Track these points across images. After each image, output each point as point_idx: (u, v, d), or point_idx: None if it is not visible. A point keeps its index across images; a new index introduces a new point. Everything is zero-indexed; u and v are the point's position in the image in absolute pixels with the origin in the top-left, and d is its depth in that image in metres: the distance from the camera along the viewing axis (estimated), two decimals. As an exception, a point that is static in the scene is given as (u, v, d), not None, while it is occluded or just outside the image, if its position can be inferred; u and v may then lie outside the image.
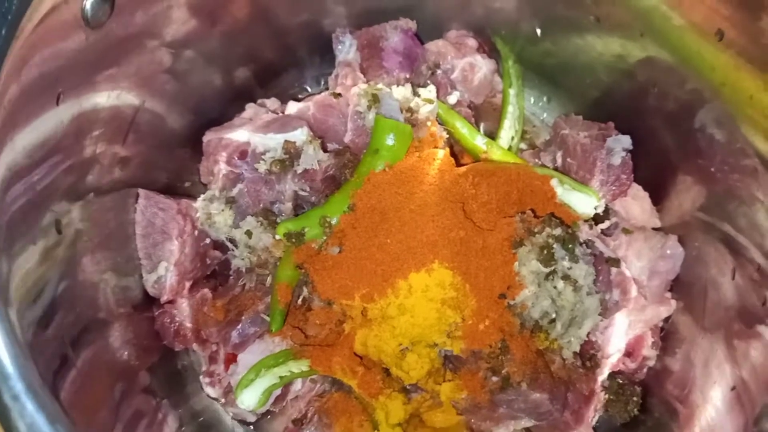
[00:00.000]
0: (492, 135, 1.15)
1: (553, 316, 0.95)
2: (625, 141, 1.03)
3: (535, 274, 0.92)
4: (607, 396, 1.01)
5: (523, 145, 1.20)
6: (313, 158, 0.99)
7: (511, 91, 1.16)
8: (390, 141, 0.96)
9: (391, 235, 0.92)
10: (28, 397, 0.57)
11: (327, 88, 1.20)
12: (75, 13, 0.75)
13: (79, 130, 0.85)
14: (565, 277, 0.93)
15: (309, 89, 1.25)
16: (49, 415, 0.58)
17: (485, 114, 1.20)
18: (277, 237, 0.98)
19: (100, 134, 0.90)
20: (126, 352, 0.98)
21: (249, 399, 0.93)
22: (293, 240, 0.95)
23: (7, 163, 0.69)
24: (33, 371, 0.60)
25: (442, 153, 0.98)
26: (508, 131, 1.14)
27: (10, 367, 0.58)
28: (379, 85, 1.04)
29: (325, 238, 0.96)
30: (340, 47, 1.14)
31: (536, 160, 1.12)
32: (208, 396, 1.07)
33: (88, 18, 0.76)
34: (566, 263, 0.93)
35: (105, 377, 0.92)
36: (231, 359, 1.04)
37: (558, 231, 0.93)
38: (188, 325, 1.04)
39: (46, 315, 0.78)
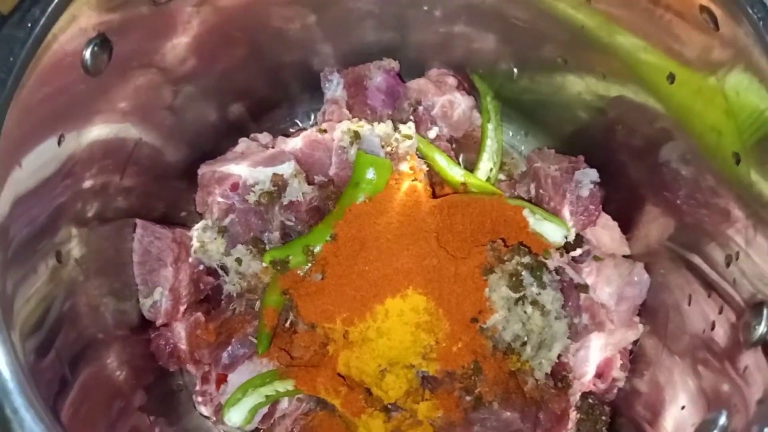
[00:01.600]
0: (472, 167, 1.22)
1: (525, 338, 1.00)
2: (593, 174, 1.10)
3: (505, 299, 0.98)
4: (578, 415, 1.06)
5: (501, 176, 1.26)
6: (298, 191, 1.06)
7: (490, 126, 1.22)
8: (370, 175, 1.03)
9: (369, 263, 0.99)
10: (28, 411, 0.64)
11: (316, 123, 1.27)
12: (75, 62, 0.82)
13: (79, 164, 0.91)
14: (534, 303, 0.99)
15: (299, 123, 1.32)
16: (47, 428, 0.64)
17: (466, 147, 1.26)
18: (264, 264, 1.04)
19: (99, 167, 0.97)
20: (123, 373, 1.04)
21: (236, 417, 0.99)
22: (279, 267, 1.02)
23: (11, 194, 0.75)
24: (33, 388, 0.66)
25: (419, 186, 1.04)
26: (486, 163, 1.21)
27: (11, 383, 0.64)
28: (362, 123, 1.11)
29: (308, 265, 1.03)
30: (328, 85, 1.21)
31: (512, 191, 1.18)
32: (201, 414, 1.13)
33: (87, 67, 0.83)
34: (535, 289, 0.99)
35: (102, 396, 0.97)
36: (222, 379, 1.10)
37: (527, 259, 0.99)
38: (182, 347, 1.10)
39: (47, 338, 0.83)
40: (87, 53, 0.82)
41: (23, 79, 0.73)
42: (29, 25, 0.73)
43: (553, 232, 1.05)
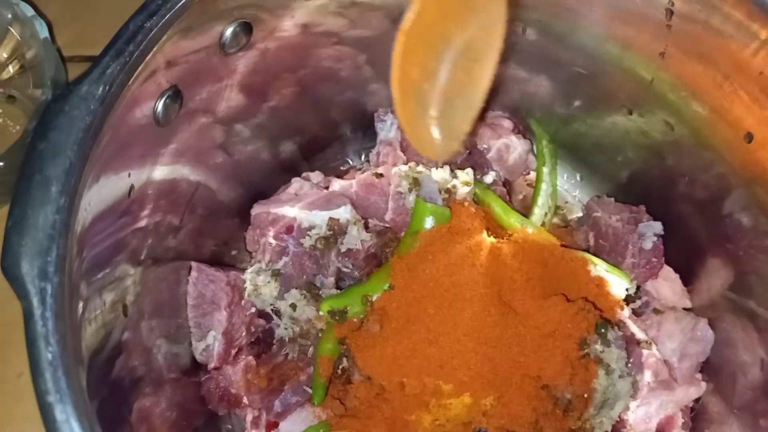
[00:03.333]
0: (526, 211, 1.20)
1: (586, 396, 0.98)
2: (657, 227, 1.07)
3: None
4: (637, 475, 1.04)
5: (556, 220, 1.24)
6: (357, 238, 1.05)
7: (545, 170, 1.21)
8: (429, 224, 1.01)
9: (429, 316, 0.97)
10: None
11: (368, 161, 1.26)
12: (147, 115, 0.81)
13: (141, 204, 0.91)
14: (598, 361, 0.96)
15: (351, 162, 1.31)
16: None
17: (519, 189, 1.25)
18: (321, 312, 1.03)
19: (162, 212, 0.97)
20: (174, 413, 1.03)
21: (291, 470, 0.98)
22: (336, 317, 1.01)
23: (83, 258, 0.75)
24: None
25: (483, 236, 1.03)
26: (541, 208, 1.19)
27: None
28: (420, 168, 1.10)
29: (365, 314, 1.01)
30: (381, 125, 1.20)
31: (569, 239, 1.16)
32: (250, 461, 1.11)
33: (159, 119, 0.83)
34: (599, 347, 0.97)
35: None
36: (272, 426, 1.08)
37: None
38: (233, 390, 1.09)
39: (106, 370, 0.83)
40: (159, 105, 0.82)
41: (100, 136, 0.73)
42: (107, 81, 0.73)
43: (615, 285, 1.03)
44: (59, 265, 0.66)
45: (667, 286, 1.10)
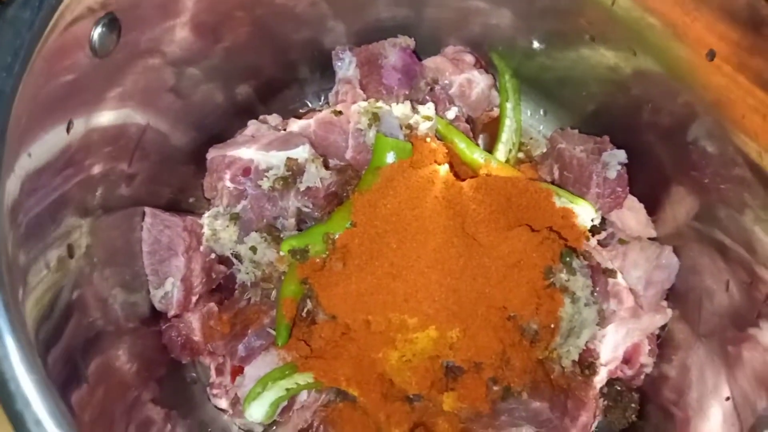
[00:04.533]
0: (490, 148, 1.18)
1: (552, 326, 0.97)
2: (621, 155, 1.06)
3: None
4: (605, 402, 1.04)
5: (521, 155, 1.22)
6: (316, 176, 1.02)
7: (508, 105, 1.18)
8: (390, 159, 0.99)
9: (392, 251, 0.95)
10: (52, 421, 0.60)
11: (327, 103, 1.22)
12: (83, 44, 0.76)
13: (86, 151, 0.86)
14: (564, 289, 0.95)
15: (310, 104, 1.27)
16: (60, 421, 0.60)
17: (483, 127, 1.23)
18: (282, 253, 1.00)
19: (107, 154, 0.92)
20: (134, 365, 1.00)
21: (257, 412, 0.96)
22: (298, 256, 0.98)
23: (19, 177, 0.71)
24: (53, 395, 0.62)
25: (440, 169, 1.00)
26: (505, 144, 1.17)
27: (32, 394, 0.60)
28: (379, 103, 1.06)
29: (327, 253, 0.99)
30: (339, 64, 1.16)
31: (534, 173, 1.15)
32: (216, 407, 1.09)
33: (96, 48, 0.78)
34: (564, 276, 0.96)
35: (114, 388, 0.93)
36: (237, 371, 1.06)
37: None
38: (195, 338, 1.07)
39: (57, 330, 0.80)
40: (95, 33, 0.77)
41: (30, 63, 0.68)
42: (36, 5, 0.68)
43: (580, 216, 1.02)
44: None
45: (632, 216, 1.09)
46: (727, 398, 0.89)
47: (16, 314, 0.62)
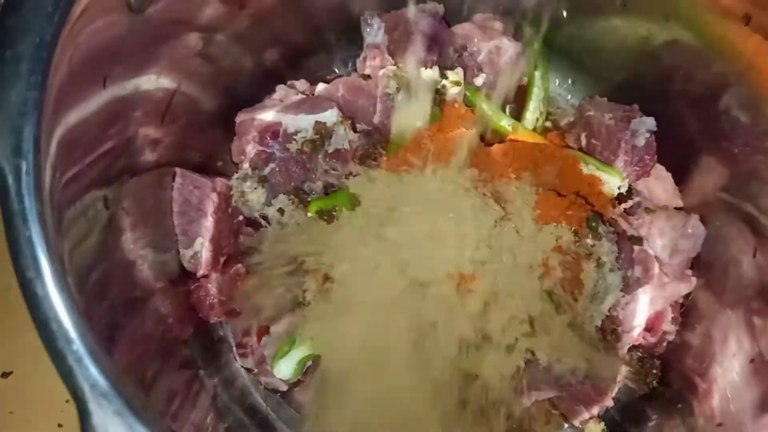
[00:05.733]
0: (517, 116, 1.18)
1: (576, 291, 0.98)
2: (650, 123, 1.05)
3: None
4: (627, 369, 1.05)
5: (548, 124, 1.22)
6: (344, 138, 1.02)
7: (537, 73, 1.18)
8: (418, 123, 0.99)
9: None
10: (90, 360, 0.62)
11: (355, 70, 1.22)
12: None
13: (122, 111, 0.88)
14: (589, 254, 0.96)
15: (337, 71, 1.27)
16: (109, 377, 0.62)
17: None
18: (309, 215, 1.01)
19: (140, 115, 0.94)
20: (165, 324, 1.02)
21: (285, 369, 0.98)
22: (325, 218, 0.99)
23: (58, 141, 0.72)
24: (92, 336, 0.64)
25: (468, 133, 1.01)
26: (533, 113, 1.16)
27: (72, 333, 0.62)
28: (408, 68, 1.06)
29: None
30: (368, 30, 1.16)
31: (561, 141, 1.14)
32: (242, 367, 1.11)
33: (132, 3, 0.79)
34: (589, 241, 0.96)
35: (150, 345, 0.96)
36: (263, 331, 1.08)
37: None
38: (223, 298, 1.08)
39: (98, 285, 0.82)
40: (131, -14, 0.78)
41: (70, 15, 0.69)
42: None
43: (607, 183, 1.02)
44: (34, 144, 0.64)
45: (659, 185, 1.09)
46: (751, 360, 0.89)
47: (56, 252, 0.64)
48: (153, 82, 0.95)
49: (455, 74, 1.06)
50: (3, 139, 0.63)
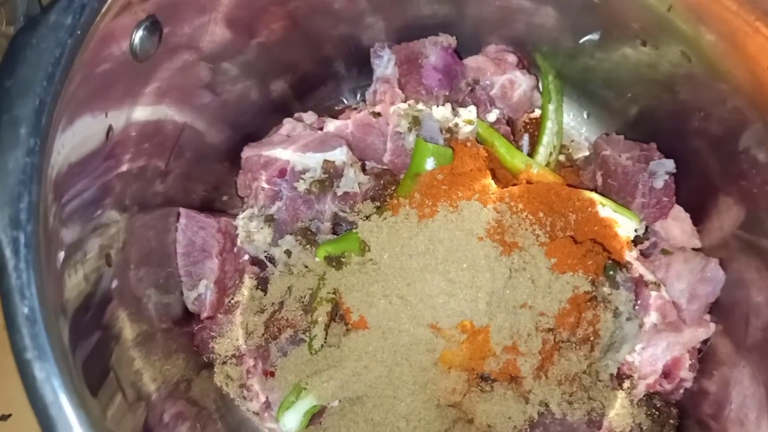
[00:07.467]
0: (531, 149, 1.15)
1: (592, 340, 0.95)
2: (669, 165, 1.02)
3: (575, 300, 0.92)
4: (644, 417, 1.02)
5: (562, 158, 1.19)
6: (354, 181, 1.00)
7: (551, 107, 1.15)
8: (430, 165, 0.96)
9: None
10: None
11: (364, 101, 1.19)
12: (124, 49, 0.75)
13: (126, 144, 0.85)
14: (606, 303, 0.93)
15: (346, 101, 1.24)
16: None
17: (524, 128, 1.19)
18: (317, 259, 0.98)
19: (145, 149, 0.91)
20: (167, 364, 1.00)
21: (291, 421, 0.95)
22: (333, 263, 0.96)
23: (66, 161, 0.70)
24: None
25: (484, 173, 0.97)
26: (546, 147, 1.14)
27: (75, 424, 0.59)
28: (420, 106, 1.03)
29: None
30: (378, 62, 1.13)
31: (576, 179, 1.11)
32: (246, 410, 1.09)
33: (136, 52, 0.76)
34: (606, 289, 0.93)
35: (146, 389, 0.93)
36: (268, 374, 1.05)
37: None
38: (228, 340, 1.06)
39: (93, 328, 0.80)
40: (136, 37, 0.75)
41: (71, 71, 0.66)
42: (78, 9, 0.66)
43: (624, 226, 0.99)
44: (33, 213, 0.61)
45: (677, 225, 1.05)
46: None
47: (56, 331, 0.61)
48: (159, 116, 0.93)
49: (468, 112, 1.03)
50: (0, 210, 0.60)
